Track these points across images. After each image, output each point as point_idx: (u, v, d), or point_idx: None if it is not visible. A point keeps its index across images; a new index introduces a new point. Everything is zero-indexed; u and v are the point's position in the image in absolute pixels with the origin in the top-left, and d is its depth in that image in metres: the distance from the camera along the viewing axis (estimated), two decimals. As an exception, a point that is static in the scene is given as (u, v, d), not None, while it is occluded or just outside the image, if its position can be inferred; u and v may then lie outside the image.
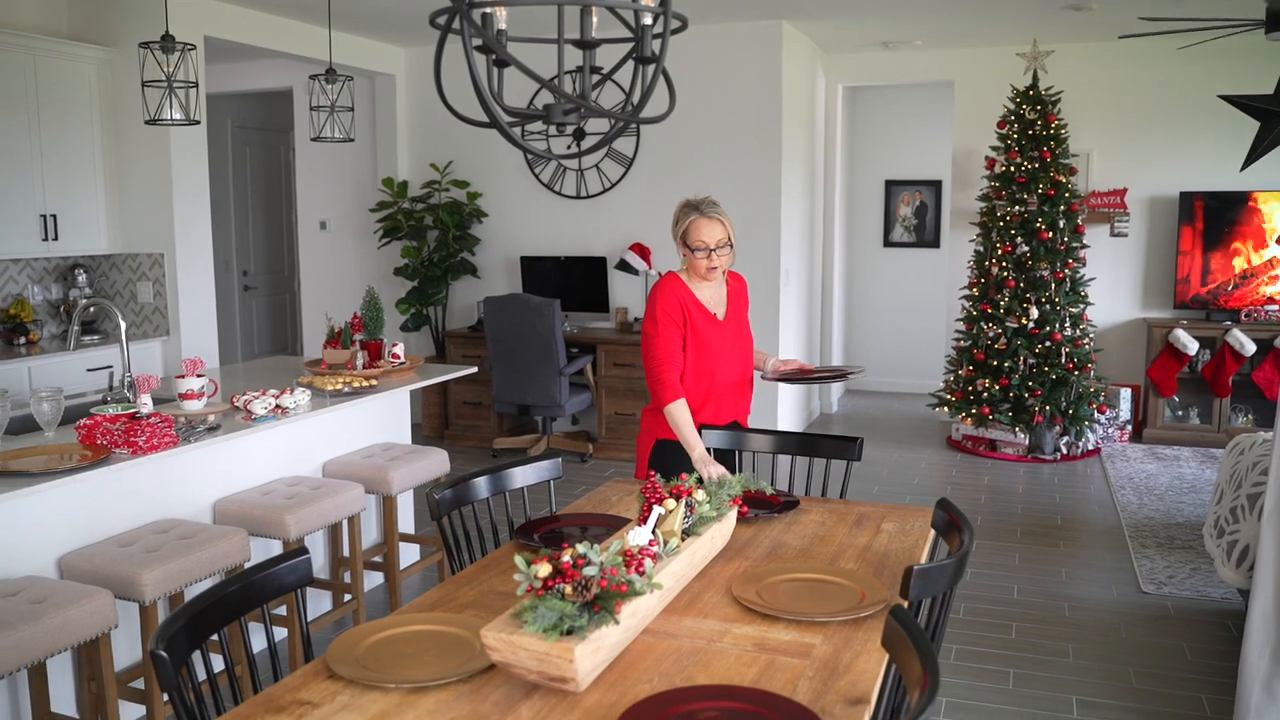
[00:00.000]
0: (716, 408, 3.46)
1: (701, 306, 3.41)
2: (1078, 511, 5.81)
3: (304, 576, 2.28)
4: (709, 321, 3.41)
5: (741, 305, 3.58)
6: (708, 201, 3.32)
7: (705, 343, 3.39)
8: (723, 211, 3.33)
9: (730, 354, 3.46)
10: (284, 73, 7.90)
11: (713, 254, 3.30)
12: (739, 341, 3.51)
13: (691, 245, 3.31)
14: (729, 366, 3.46)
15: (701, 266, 3.33)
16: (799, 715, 1.75)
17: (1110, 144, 7.49)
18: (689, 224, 3.30)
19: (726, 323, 3.46)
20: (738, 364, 3.50)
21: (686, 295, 3.38)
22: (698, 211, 3.30)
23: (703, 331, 3.39)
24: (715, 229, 3.29)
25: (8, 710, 3.07)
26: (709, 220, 3.29)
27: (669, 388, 3.30)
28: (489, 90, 1.96)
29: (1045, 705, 3.55)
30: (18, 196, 5.55)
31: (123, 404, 3.63)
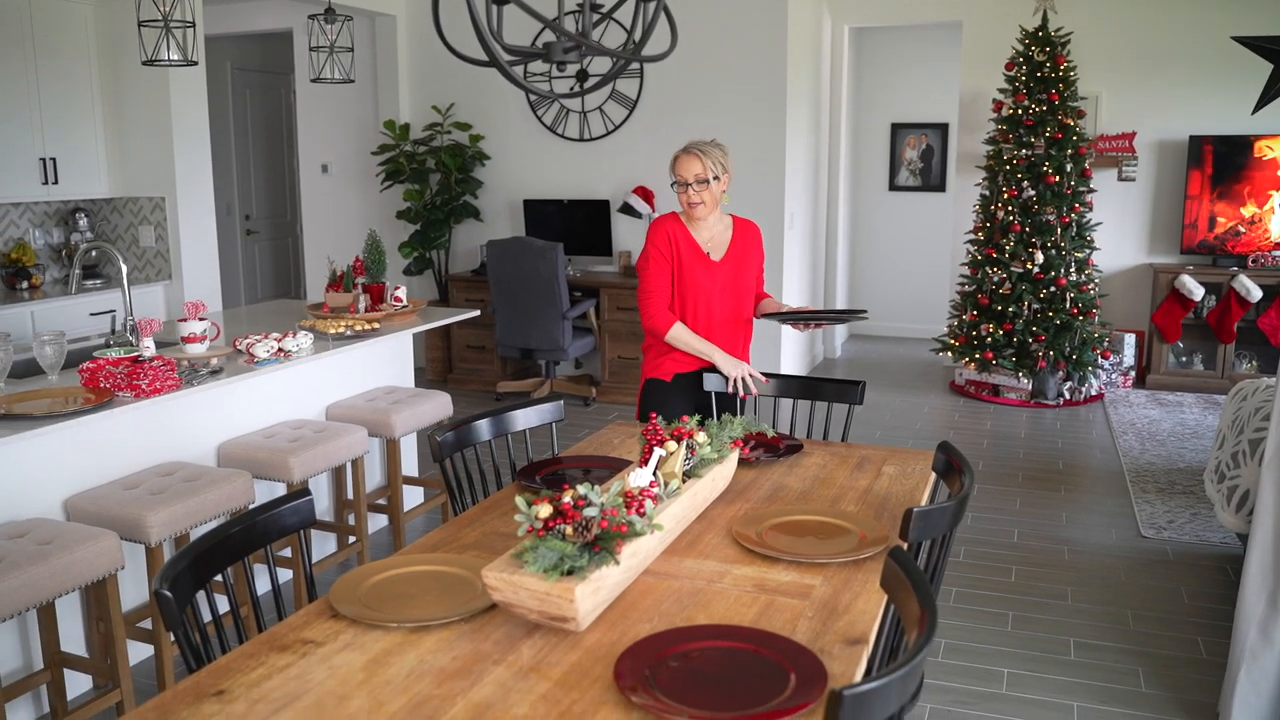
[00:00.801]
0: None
1: (695, 245, 3.44)
2: (1079, 456, 5.82)
3: (306, 517, 2.30)
4: (700, 260, 3.44)
5: (746, 251, 3.56)
6: (698, 141, 3.39)
7: (694, 281, 3.43)
8: (706, 148, 3.35)
9: (721, 295, 3.48)
10: (283, 13, 7.80)
11: (689, 189, 3.34)
12: (733, 284, 3.51)
13: (674, 179, 3.38)
14: (719, 307, 3.48)
15: (681, 200, 3.39)
16: (798, 655, 1.77)
17: (1120, 87, 7.39)
18: (672, 161, 3.38)
19: (721, 265, 3.48)
20: (730, 306, 3.51)
21: (680, 232, 3.44)
22: (683, 148, 3.37)
23: (692, 269, 3.43)
24: (692, 164, 3.32)
25: (19, 649, 3.12)
26: (687, 155, 3.33)
27: (660, 316, 3.41)
28: (489, 29, 1.93)
29: (1043, 647, 3.59)
30: (16, 139, 5.51)
31: (125, 347, 3.63)
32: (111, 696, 2.98)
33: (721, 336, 3.51)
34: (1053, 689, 3.32)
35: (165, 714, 1.64)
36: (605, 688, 1.69)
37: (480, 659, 1.80)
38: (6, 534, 2.89)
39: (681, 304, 3.46)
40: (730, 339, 3.54)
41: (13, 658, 3.09)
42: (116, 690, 2.98)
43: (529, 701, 1.65)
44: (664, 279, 3.43)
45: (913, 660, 1.49)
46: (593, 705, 1.64)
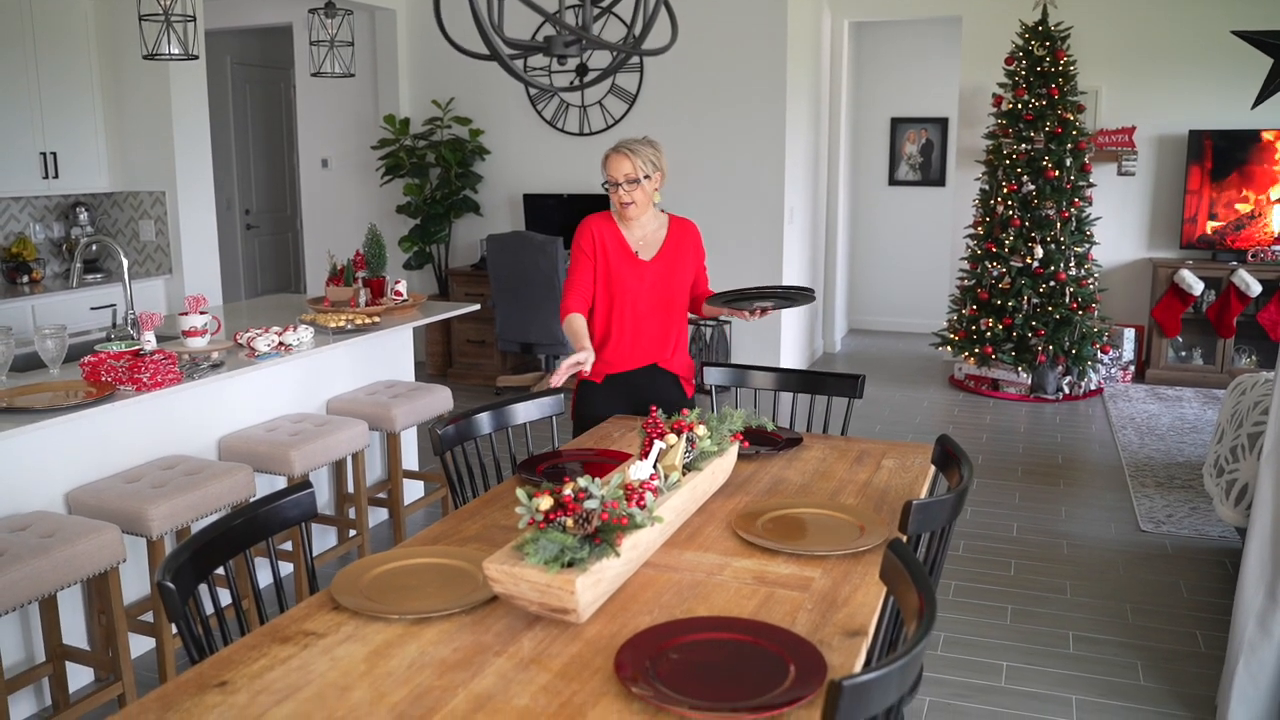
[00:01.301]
0: (629, 347, 3.41)
1: (623, 244, 3.36)
2: (1079, 451, 5.83)
3: (308, 510, 2.31)
4: (628, 260, 3.36)
5: (680, 251, 3.44)
6: (629, 139, 3.30)
7: (621, 280, 3.35)
8: (638, 146, 3.26)
9: (650, 295, 3.39)
10: (283, 7, 7.79)
11: (619, 189, 3.25)
12: (664, 285, 3.41)
13: (605, 179, 3.29)
14: (647, 307, 3.39)
15: (613, 201, 3.29)
16: (798, 646, 1.78)
17: (1119, 81, 7.39)
18: (604, 159, 3.29)
19: (651, 265, 3.38)
20: (659, 307, 3.42)
21: (607, 231, 3.36)
22: (613, 147, 3.28)
23: (619, 269, 3.35)
24: (621, 163, 3.23)
25: (21, 642, 3.13)
26: (617, 154, 3.24)
27: (564, 307, 3.34)
28: (489, 22, 1.93)
29: (1042, 640, 3.60)
30: (17, 134, 5.51)
31: (126, 341, 3.64)
32: (113, 689, 2.99)
33: (650, 337, 3.42)
34: (1052, 682, 3.33)
35: (168, 705, 1.64)
36: (606, 679, 1.70)
37: (481, 650, 1.80)
38: (8, 527, 2.90)
39: (609, 303, 3.38)
40: (660, 340, 3.45)
41: (15, 650, 3.10)
42: (118, 683, 2.99)
43: (530, 693, 1.66)
44: (582, 276, 3.36)
45: (912, 651, 1.50)
46: (593, 696, 1.65)
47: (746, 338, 7.15)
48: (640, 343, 3.42)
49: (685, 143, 7.08)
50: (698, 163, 7.08)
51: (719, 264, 7.10)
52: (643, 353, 3.43)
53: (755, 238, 7.03)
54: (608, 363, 3.42)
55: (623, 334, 3.39)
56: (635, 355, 3.42)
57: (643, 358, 3.44)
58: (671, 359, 3.49)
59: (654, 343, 3.43)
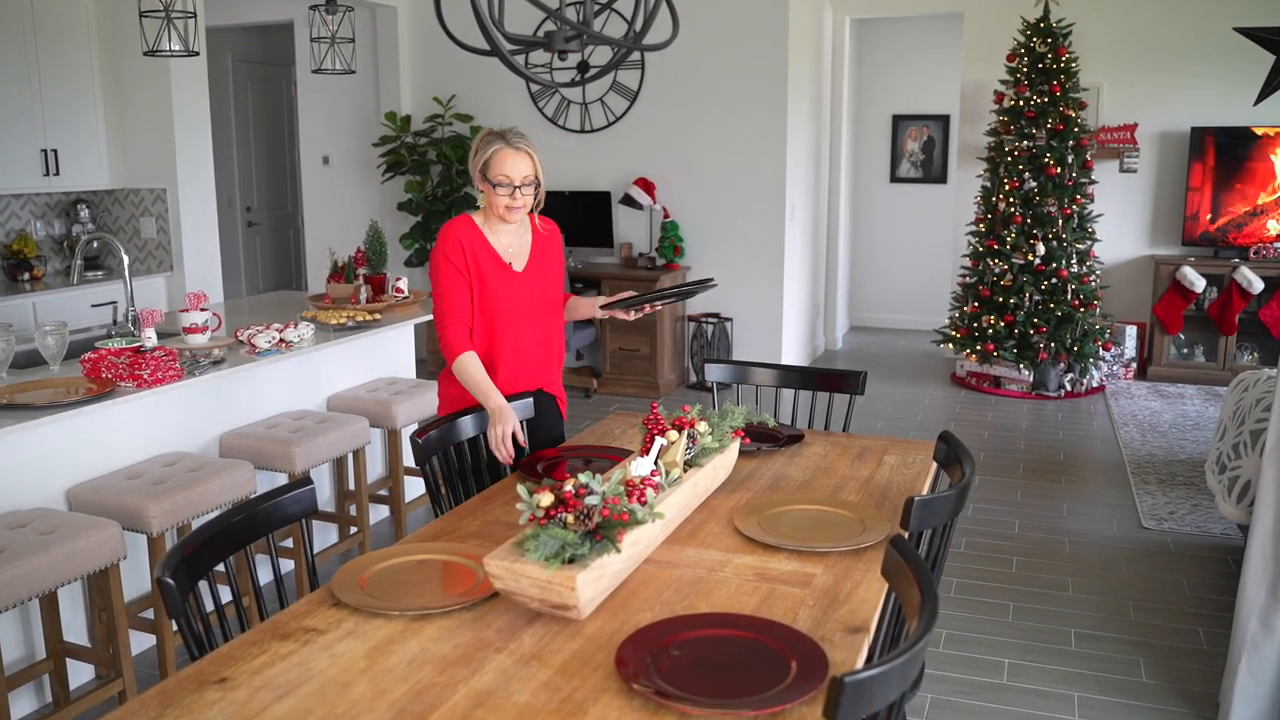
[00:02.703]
0: (512, 372, 3.03)
1: (495, 254, 2.98)
2: (1080, 448, 5.83)
3: (308, 506, 2.30)
4: (502, 272, 2.98)
5: (550, 257, 3.11)
6: (514, 131, 2.92)
7: (495, 296, 2.97)
8: (531, 144, 2.93)
9: (528, 311, 3.02)
10: (284, 5, 7.79)
11: (516, 191, 2.88)
12: (542, 297, 3.06)
13: (493, 179, 2.87)
14: (526, 325, 3.03)
15: (500, 205, 2.90)
16: (799, 643, 1.77)
17: (1121, 78, 7.38)
18: (492, 154, 2.88)
19: (525, 275, 3.02)
20: (539, 323, 3.06)
21: (476, 240, 2.96)
22: (503, 140, 2.88)
23: (493, 283, 2.96)
24: (521, 162, 2.88)
25: (22, 639, 3.12)
26: (515, 152, 2.87)
27: (453, 342, 2.93)
28: (490, 17, 1.93)
29: (1044, 637, 3.59)
30: (18, 131, 5.51)
31: (127, 338, 3.64)
32: (114, 686, 2.99)
33: (534, 361, 3.07)
34: (1053, 679, 3.32)
35: (168, 701, 1.64)
36: (607, 675, 1.70)
37: (482, 647, 1.80)
38: (9, 524, 2.90)
39: (488, 327, 2.98)
40: (543, 360, 3.11)
41: (15, 647, 3.10)
42: (119, 680, 2.99)
43: (530, 689, 1.66)
44: (461, 296, 2.94)
45: (913, 648, 1.50)
46: (594, 693, 1.64)
47: (748, 335, 7.14)
48: (524, 366, 3.05)
49: (686, 140, 7.07)
50: (699, 160, 7.07)
51: (722, 262, 7.11)
52: (527, 377, 3.07)
53: (757, 235, 7.03)
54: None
55: (504, 359, 3.01)
56: (517, 381, 3.05)
57: (525, 382, 3.07)
58: (555, 381, 3.18)
59: (538, 364, 3.09)
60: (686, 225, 7.15)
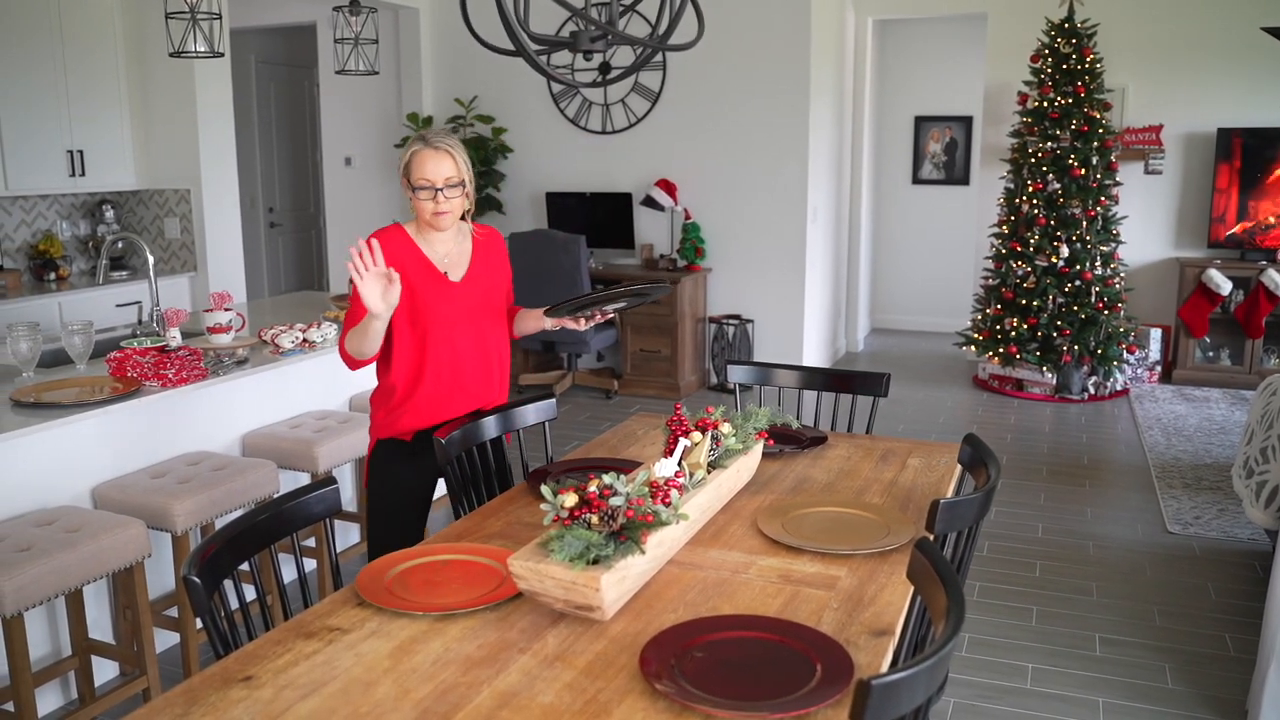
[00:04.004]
0: (446, 391, 2.83)
1: (427, 264, 2.78)
2: (1104, 451, 5.78)
3: (332, 505, 2.31)
4: (436, 283, 2.78)
5: (491, 267, 2.91)
6: (438, 132, 2.74)
7: (430, 309, 2.76)
8: (455, 144, 2.74)
9: (464, 322, 2.82)
10: (307, 6, 7.82)
11: (439, 194, 2.69)
12: (480, 308, 2.86)
13: (414, 182, 2.69)
14: (462, 337, 2.82)
15: (426, 209, 2.71)
16: (824, 645, 1.76)
17: (1147, 79, 7.32)
18: (411, 156, 2.70)
19: (462, 286, 2.82)
20: (476, 335, 2.86)
21: (405, 250, 2.75)
22: (422, 141, 2.71)
23: (424, 294, 2.75)
24: (443, 163, 2.69)
25: (48, 636, 3.15)
26: (435, 152, 2.69)
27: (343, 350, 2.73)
28: (515, 17, 1.93)
29: (1068, 642, 3.57)
30: (45, 132, 5.56)
31: (152, 338, 3.66)
32: (138, 683, 3.01)
33: (471, 375, 2.86)
34: (1077, 684, 3.29)
35: (194, 699, 1.65)
36: (631, 677, 1.69)
37: (506, 647, 1.80)
38: (35, 521, 2.92)
39: (419, 340, 2.78)
40: (482, 378, 2.90)
41: (41, 644, 3.12)
42: (143, 677, 3.01)
43: (555, 690, 1.65)
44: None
45: (941, 651, 1.48)
46: (618, 694, 1.64)
47: (769, 336, 7.12)
48: (460, 384, 2.85)
49: (708, 141, 7.06)
50: (720, 161, 7.06)
51: (743, 264, 7.10)
52: (464, 396, 2.86)
53: (778, 237, 7.01)
54: (420, 414, 2.81)
55: (439, 376, 2.80)
56: (454, 401, 2.85)
57: (464, 403, 2.87)
58: (496, 400, 2.97)
59: (476, 382, 2.88)
60: (708, 227, 7.14)
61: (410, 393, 2.80)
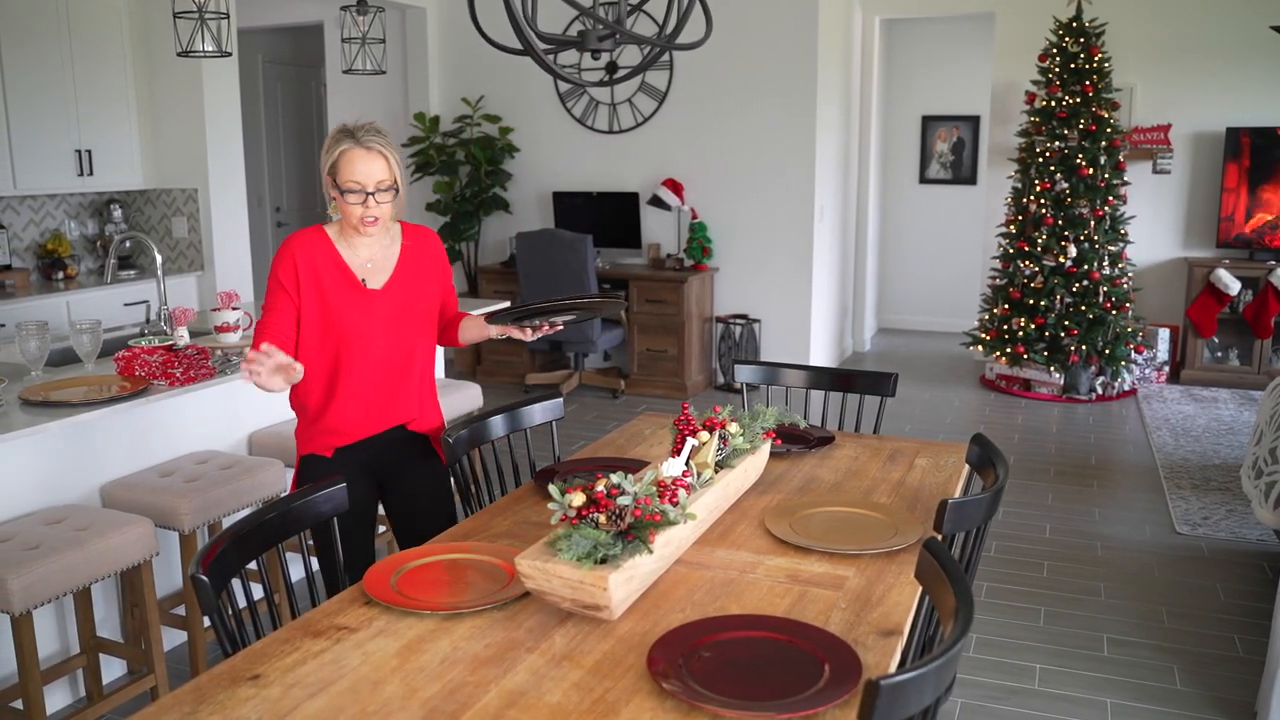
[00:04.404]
0: (361, 407, 2.62)
1: (345, 269, 2.57)
2: (1112, 452, 5.77)
3: (340, 504, 2.31)
4: (350, 289, 2.56)
5: (421, 273, 2.68)
6: (368, 129, 2.49)
7: (342, 319, 2.55)
8: (388, 143, 2.51)
9: (382, 334, 2.60)
10: (314, 6, 7.84)
11: (370, 198, 2.47)
12: (401, 319, 2.63)
13: (342, 185, 2.47)
14: (378, 350, 2.60)
15: (354, 214, 2.49)
16: (832, 645, 1.76)
17: (1155, 78, 7.30)
18: (340, 155, 2.46)
19: (382, 294, 2.60)
20: (395, 348, 2.63)
21: (322, 255, 2.55)
22: (352, 139, 2.47)
23: (337, 303, 2.54)
24: (375, 164, 2.46)
25: (56, 634, 3.15)
26: (367, 152, 2.46)
27: None
28: (523, 15, 1.93)
29: (1076, 643, 3.56)
30: (53, 131, 5.57)
31: (160, 337, 3.66)
32: (146, 681, 3.01)
33: (389, 391, 2.64)
34: (1085, 685, 3.29)
35: (202, 697, 1.65)
36: (638, 676, 1.69)
37: (513, 646, 1.80)
38: (44, 520, 2.93)
39: (332, 352, 2.57)
40: (401, 393, 2.67)
41: (50, 642, 3.13)
42: (151, 675, 3.01)
43: (562, 689, 1.65)
44: (281, 317, 2.52)
45: (949, 651, 1.48)
46: (626, 694, 1.64)
47: (776, 336, 7.12)
48: (377, 400, 2.63)
49: (715, 141, 7.06)
50: (727, 161, 7.05)
51: (750, 263, 7.09)
52: (381, 413, 2.65)
53: (785, 236, 7.00)
54: (335, 431, 2.61)
55: (352, 392, 2.60)
56: (371, 418, 2.64)
57: (381, 419, 2.66)
58: (420, 417, 2.74)
59: (395, 398, 2.66)
60: (715, 226, 7.14)
61: (323, 409, 2.61)
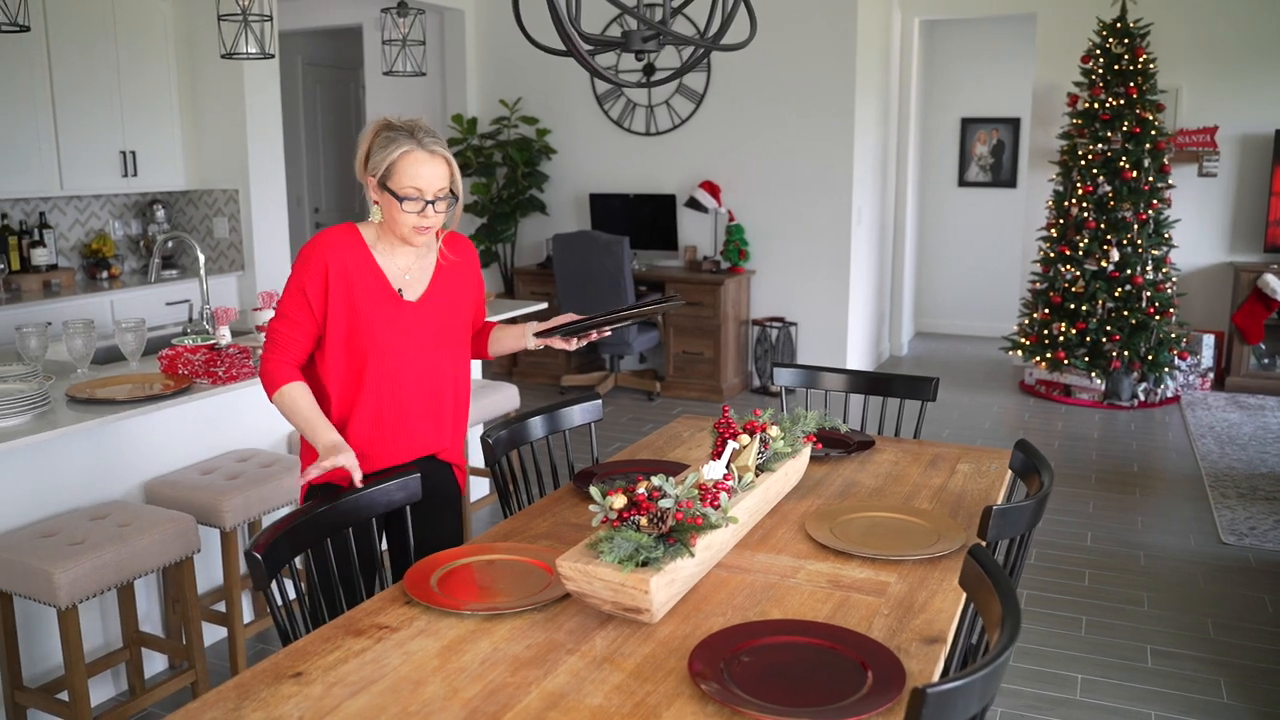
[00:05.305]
0: (390, 432, 2.37)
1: (380, 276, 2.32)
2: (1155, 459, 5.68)
3: (414, 493, 2.34)
4: (385, 300, 2.32)
5: (459, 284, 2.46)
6: (425, 129, 2.26)
7: (372, 331, 2.30)
8: (446, 146, 2.31)
9: (416, 351, 2.35)
10: (354, 9, 7.90)
11: (429, 207, 2.26)
12: (438, 335, 2.39)
13: (399, 190, 2.23)
14: (411, 369, 2.35)
15: (405, 224, 2.26)
16: (875, 652, 1.74)
17: (1201, 80, 7.19)
18: (399, 157, 2.21)
19: (419, 306, 2.36)
20: (431, 367, 2.39)
21: (356, 256, 2.30)
22: (413, 140, 2.22)
23: (370, 314, 2.29)
24: (438, 170, 2.25)
25: (100, 628, 3.19)
26: (430, 156, 2.24)
27: (274, 370, 2.28)
28: (567, 16, 1.92)
29: (1118, 653, 3.50)
30: (100, 134, 5.65)
31: (202, 336, 3.70)
32: (186, 676, 3.04)
33: (421, 415, 2.40)
34: (1129, 696, 3.24)
35: (245, 694, 1.65)
36: (680, 680, 1.68)
37: (554, 648, 1.79)
38: (89, 516, 2.96)
39: (357, 369, 2.31)
40: (435, 418, 2.42)
41: (93, 635, 3.16)
42: (191, 670, 3.04)
43: (603, 692, 1.65)
44: (301, 329, 2.29)
45: (997, 660, 1.46)
46: (667, 697, 1.63)
47: (813, 339, 7.08)
48: (407, 425, 2.38)
49: (753, 143, 7.03)
50: (765, 163, 7.03)
51: (787, 266, 7.06)
52: (410, 439, 2.41)
53: (822, 239, 6.97)
54: (359, 457, 2.34)
55: (377, 414, 2.35)
56: (400, 445, 2.40)
57: (412, 447, 2.42)
58: (452, 444, 2.51)
59: (427, 423, 2.42)
60: (751, 228, 7.11)
61: (340, 431, 2.33)
